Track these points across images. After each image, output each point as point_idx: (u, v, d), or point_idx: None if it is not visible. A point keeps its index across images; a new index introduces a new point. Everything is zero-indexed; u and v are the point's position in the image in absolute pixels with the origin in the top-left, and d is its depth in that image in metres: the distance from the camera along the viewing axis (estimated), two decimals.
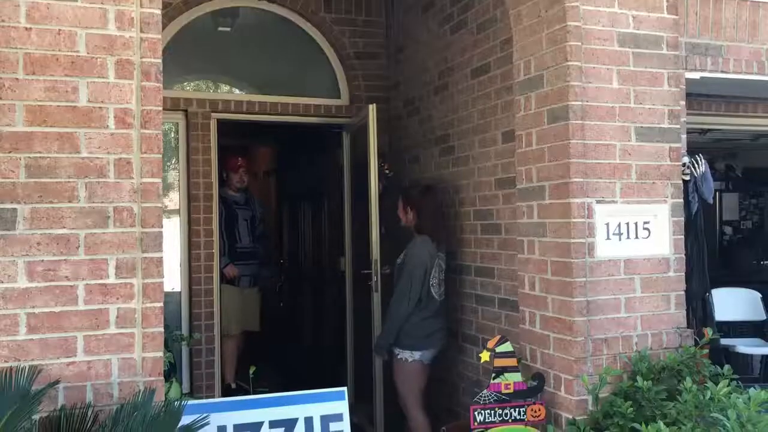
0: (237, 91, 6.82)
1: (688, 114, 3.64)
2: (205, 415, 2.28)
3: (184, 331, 4.84)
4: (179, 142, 5.07)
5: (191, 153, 4.96)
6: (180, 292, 4.98)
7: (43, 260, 2.32)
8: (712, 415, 2.50)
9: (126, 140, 2.41)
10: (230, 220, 5.63)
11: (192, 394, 4.47)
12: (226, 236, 5.48)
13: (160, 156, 2.46)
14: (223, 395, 4.81)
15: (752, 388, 2.50)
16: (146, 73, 2.44)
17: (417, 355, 4.01)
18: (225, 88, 6.76)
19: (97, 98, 2.39)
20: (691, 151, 3.49)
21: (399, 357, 4.04)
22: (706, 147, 7.48)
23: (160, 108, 2.47)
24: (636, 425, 2.65)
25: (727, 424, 2.35)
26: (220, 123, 5.11)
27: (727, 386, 2.70)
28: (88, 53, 2.40)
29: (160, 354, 2.44)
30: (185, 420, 2.17)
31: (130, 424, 1.89)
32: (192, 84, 6.02)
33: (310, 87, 5.51)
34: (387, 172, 5.00)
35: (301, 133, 6.49)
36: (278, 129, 6.51)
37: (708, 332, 3.13)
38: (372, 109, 4.60)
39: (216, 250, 5.03)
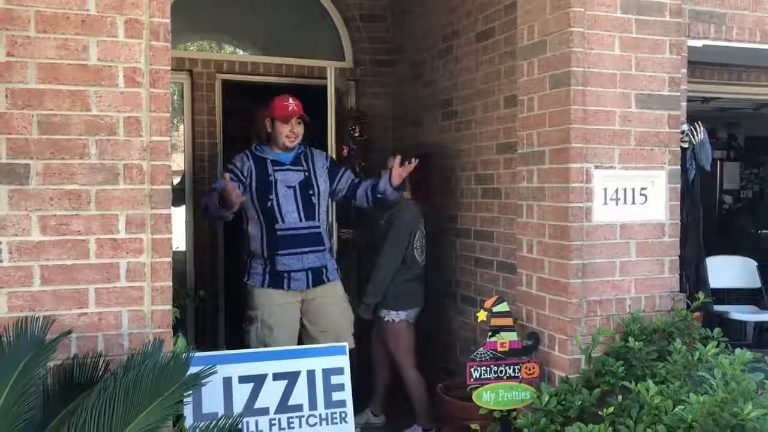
0: (240, 52, 6.84)
1: (689, 82, 3.67)
2: (212, 365, 2.37)
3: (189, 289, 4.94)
4: (184, 102, 5.12)
5: (196, 114, 5.01)
6: (185, 252, 5.08)
7: (55, 215, 2.39)
8: (699, 374, 2.59)
9: (135, 99, 2.47)
10: (261, 190, 3.73)
11: (197, 350, 4.59)
12: (259, 213, 3.74)
13: (169, 115, 2.52)
14: None
15: (739, 350, 2.59)
16: (155, 32, 2.49)
17: (403, 314, 4.10)
18: (228, 49, 6.77)
19: (106, 57, 2.44)
20: (693, 119, 3.54)
21: (386, 319, 4.13)
22: (708, 115, 7.52)
23: (169, 68, 2.52)
24: (626, 383, 2.74)
25: (713, 382, 2.44)
26: (225, 84, 5.15)
27: (716, 348, 2.79)
28: (97, 12, 2.44)
29: (169, 307, 2.53)
30: (193, 369, 2.27)
31: (141, 371, 1.98)
32: (196, 44, 6.04)
33: (314, 49, 5.53)
34: (357, 135, 5.03)
35: (303, 96, 6.49)
36: (282, 91, 6.50)
37: (700, 296, 3.22)
38: (331, 70, 4.63)
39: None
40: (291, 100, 3.81)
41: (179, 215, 5.00)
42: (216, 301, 5.02)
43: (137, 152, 2.47)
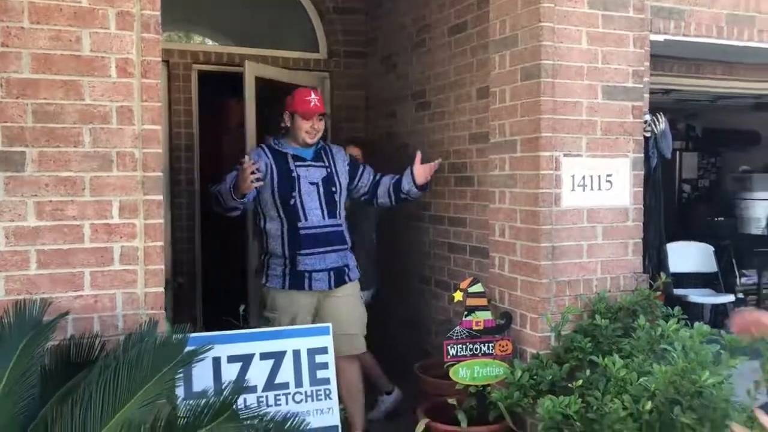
0: (209, 42, 6.88)
1: (652, 75, 3.86)
2: (206, 343, 2.48)
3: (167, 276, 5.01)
4: (160, 93, 5.16)
5: (173, 104, 5.06)
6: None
7: (51, 200, 2.47)
8: (661, 346, 2.78)
9: (127, 89, 2.55)
10: (284, 187, 3.58)
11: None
12: (280, 211, 3.58)
13: (160, 104, 2.61)
14: None
15: (698, 323, 2.79)
16: (146, 25, 2.57)
17: (365, 294, 4.17)
18: (203, 39, 6.80)
19: (99, 48, 2.52)
20: (654, 110, 3.73)
21: None
22: (668, 107, 7.78)
23: (159, 59, 2.61)
24: (594, 358, 2.93)
25: (674, 354, 2.64)
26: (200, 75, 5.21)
27: (676, 324, 3.00)
28: (89, 4, 2.51)
29: (162, 289, 2.63)
30: (188, 348, 2.37)
31: (143, 348, 2.08)
32: (172, 34, 6.06)
33: (289, 41, 5.62)
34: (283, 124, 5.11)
35: (276, 87, 6.56)
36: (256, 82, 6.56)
37: (662, 276, 3.43)
38: (248, 65, 4.73)
39: (198, 200, 5.16)
40: (313, 95, 3.68)
41: None
42: (194, 287, 5.10)
43: (130, 140, 2.56)
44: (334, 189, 3.70)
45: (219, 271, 5.75)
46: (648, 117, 3.58)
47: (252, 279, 4.53)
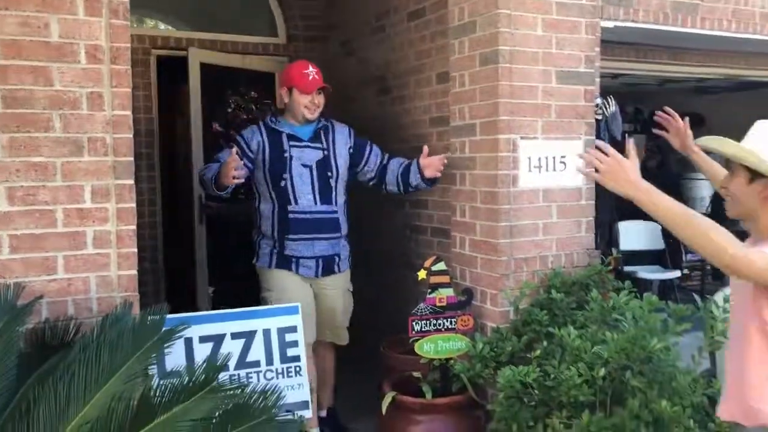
0: (162, 27, 6.83)
1: (602, 59, 4.03)
2: (182, 323, 2.55)
3: None
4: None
5: (133, 89, 5.04)
6: None
7: (22, 186, 2.50)
8: (613, 317, 2.96)
9: (97, 75, 2.58)
10: (275, 168, 3.48)
11: None
12: (271, 192, 3.52)
13: (130, 90, 2.65)
14: None
15: (646, 293, 2.98)
16: (114, 11, 2.60)
17: None
18: (150, 23, 6.75)
19: (68, 34, 2.54)
20: (604, 93, 3.90)
21: None
22: (618, 90, 8.04)
23: (128, 45, 2.64)
24: (550, 329, 3.09)
25: (625, 324, 2.82)
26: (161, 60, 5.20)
27: (627, 297, 3.18)
28: None
29: (135, 272, 2.68)
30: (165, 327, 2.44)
31: (123, 327, 2.15)
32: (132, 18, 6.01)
33: (248, 26, 5.63)
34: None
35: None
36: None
37: (613, 252, 3.62)
38: (191, 51, 4.83)
39: (158, 186, 5.17)
40: (311, 68, 3.51)
41: None
42: (157, 272, 5.12)
43: (100, 126, 2.59)
44: (330, 174, 3.56)
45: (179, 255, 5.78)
46: (599, 100, 3.75)
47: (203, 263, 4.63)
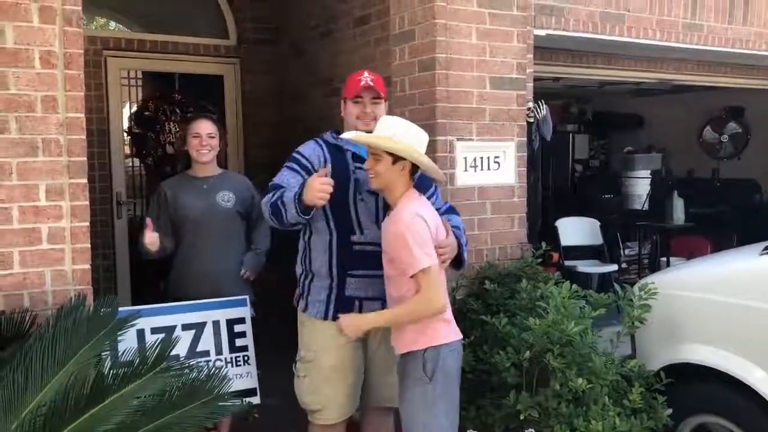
0: (114, 26, 6.89)
1: (540, 64, 4.30)
2: (135, 313, 2.70)
3: None
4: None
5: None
6: None
7: None
8: (538, 303, 3.21)
9: (51, 79, 2.71)
10: (340, 191, 2.67)
11: None
12: (330, 221, 2.79)
13: (83, 94, 2.78)
14: None
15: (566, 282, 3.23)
16: (68, 19, 2.73)
17: None
18: (100, 22, 6.79)
19: (23, 41, 2.66)
20: (543, 96, 4.17)
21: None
22: (561, 93, 8.39)
23: (81, 51, 2.77)
24: (484, 317, 3.33)
25: (549, 310, 3.07)
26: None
27: (554, 286, 3.44)
28: None
29: (88, 266, 2.82)
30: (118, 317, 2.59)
31: (78, 317, 2.30)
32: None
33: (199, 27, 5.74)
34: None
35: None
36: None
37: (555, 255, 3.88)
38: (110, 60, 5.09)
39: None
40: (367, 74, 2.88)
41: None
42: (114, 269, 5.23)
43: (54, 128, 2.73)
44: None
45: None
46: (531, 104, 4.01)
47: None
